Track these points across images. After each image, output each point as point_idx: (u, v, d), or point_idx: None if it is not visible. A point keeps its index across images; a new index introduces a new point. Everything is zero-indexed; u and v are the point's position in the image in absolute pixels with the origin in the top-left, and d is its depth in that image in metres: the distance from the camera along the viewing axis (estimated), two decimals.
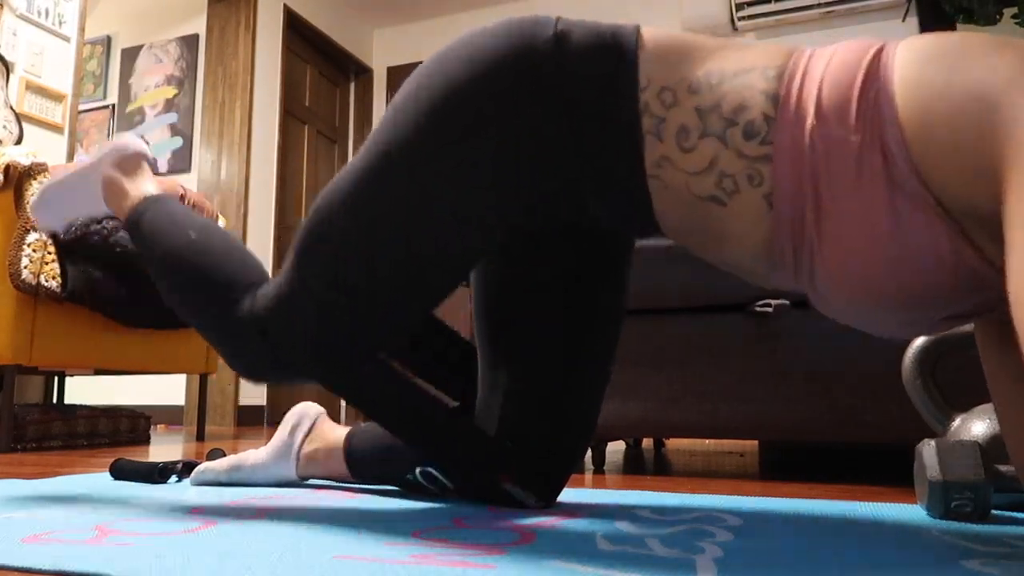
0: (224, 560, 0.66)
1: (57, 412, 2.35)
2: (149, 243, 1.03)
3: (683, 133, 0.72)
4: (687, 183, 0.73)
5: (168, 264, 1.00)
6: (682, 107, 0.73)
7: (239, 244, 1.03)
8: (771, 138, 0.69)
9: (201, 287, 0.96)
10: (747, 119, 0.70)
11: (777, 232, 0.71)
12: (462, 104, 0.79)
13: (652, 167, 0.75)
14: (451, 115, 0.79)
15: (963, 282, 0.65)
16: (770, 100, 0.69)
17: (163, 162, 4.23)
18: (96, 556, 0.67)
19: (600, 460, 1.65)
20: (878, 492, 1.23)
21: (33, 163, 2.15)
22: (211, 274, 0.96)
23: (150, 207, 1.07)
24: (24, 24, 3.02)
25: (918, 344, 1.09)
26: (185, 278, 0.97)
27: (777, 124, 0.68)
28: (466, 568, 0.63)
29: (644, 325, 1.55)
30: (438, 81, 0.81)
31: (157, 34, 4.42)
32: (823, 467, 1.73)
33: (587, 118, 0.76)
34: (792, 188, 0.68)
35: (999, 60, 0.59)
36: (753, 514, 0.94)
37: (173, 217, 1.05)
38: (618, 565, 0.64)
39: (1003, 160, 0.56)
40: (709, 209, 0.73)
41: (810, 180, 0.67)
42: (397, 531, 0.80)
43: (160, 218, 1.05)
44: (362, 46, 5.17)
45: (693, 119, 0.72)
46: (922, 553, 0.70)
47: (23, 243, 2.08)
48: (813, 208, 0.68)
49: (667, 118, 0.73)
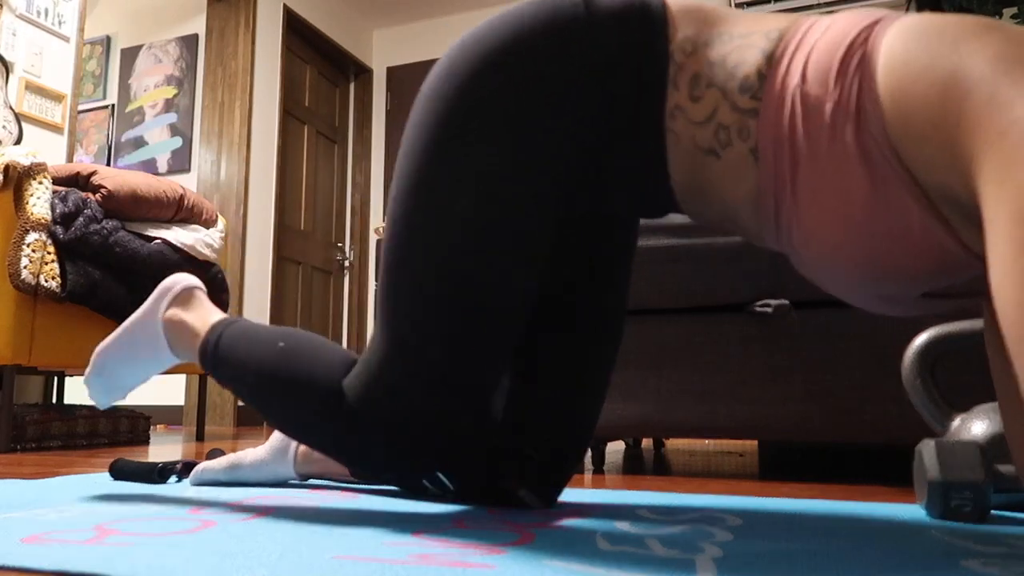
0: (224, 560, 0.66)
1: (57, 412, 2.35)
2: (234, 369, 0.97)
3: (695, 81, 0.75)
4: (693, 134, 0.76)
5: (264, 384, 0.93)
6: (697, 56, 0.76)
7: (321, 339, 0.97)
8: (761, 94, 0.71)
9: (304, 395, 0.90)
10: (744, 73, 0.73)
11: (762, 187, 0.73)
12: (502, 83, 0.80)
13: (668, 118, 0.77)
14: (490, 99, 0.80)
15: (936, 260, 0.66)
16: (766, 58, 0.72)
17: (163, 162, 4.23)
18: (96, 556, 0.67)
19: (600, 460, 1.65)
20: (878, 492, 1.23)
21: (33, 163, 2.15)
22: (310, 379, 0.90)
23: (223, 332, 1.01)
24: (24, 24, 3.01)
25: (918, 344, 1.09)
26: (284, 390, 0.91)
27: (768, 81, 0.71)
28: (466, 568, 0.63)
29: (644, 325, 1.55)
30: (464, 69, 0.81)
31: (156, 34, 4.42)
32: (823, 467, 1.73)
33: (622, 75, 0.78)
34: (773, 144, 0.71)
35: (981, 44, 0.58)
36: (753, 514, 0.94)
37: (253, 333, 0.98)
38: (618, 565, 0.64)
39: (975, 148, 0.55)
40: (708, 163, 0.76)
41: (789, 138, 0.69)
42: (397, 531, 0.80)
43: (238, 341, 0.98)
44: (362, 46, 5.17)
45: (704, 68, 0.75)
46: (922, 553, 0.70)
47: (23, 243, 2.08)
48: (791, 165, 0.70)
49: (684, 65, 0.76)
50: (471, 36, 0.84)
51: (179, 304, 1.09)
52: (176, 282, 1.10)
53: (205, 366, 1.02)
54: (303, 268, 4.53)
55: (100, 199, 2.31)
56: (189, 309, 1.08)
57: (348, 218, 5.05)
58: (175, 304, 1.09)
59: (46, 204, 2.15)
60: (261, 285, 4.08)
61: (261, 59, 4.18)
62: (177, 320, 1.08)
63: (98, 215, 2.27)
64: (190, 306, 1.09)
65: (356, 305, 4.92)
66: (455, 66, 0.82)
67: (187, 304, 1.09)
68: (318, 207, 4.74)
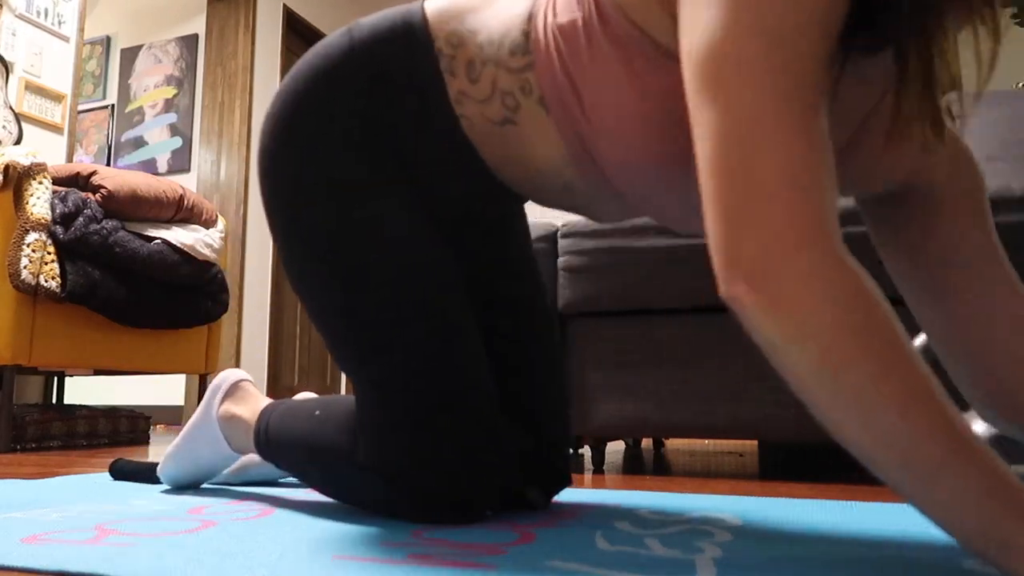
0: (224, 560, 0.66)
1: (56, 412, 2.35)
2: (286, 448, 0.96)
3: (470, 67, 0.81)
4: (482, 112, 0.81)
5: (303, 455, 0.93)
6: (466, 46, 0.82)
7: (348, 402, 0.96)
8: (530, 46, 0.78)
9: (332, 458, 0.89)
10: (511, 39, 0.79)
11: (564, 136, 0.78)
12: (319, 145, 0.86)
13: (456, 104, 0.82)
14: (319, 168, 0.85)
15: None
16: (526, 17, 0.79)
17: (163, 162, 4.23)
18: (96, 556, 0.67)
19: (600, 460, 1.65)
20: (877, 492, 1.23)
21: (33, 163, 2.15)
22: (334, 442, 0.89)
23: (271, 415, 1.01)
24: (23, 24, 3.02)
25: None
26: (318, 456, 0.90)
27: (532, 35, 0.78)
28: (466, 568, 0.63)
29: (644, 325, 1.55)
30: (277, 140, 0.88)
31: (156, 34, 4.42)
32: (823, 467, 1.73)
33: (399, 88, 0.84)
34: (553, 86, 0.76)
35: None
36: (753, 514, 0.94)
37: (296, 408, 0.98)
38: (618, 565, 0.64)
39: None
40: (509, 134, 0.81)
41: (563, 72, 0.75)
42: (397, 531, 0.80)
43: (283, 420, 0.98)
44: None
45: (476, 52, 0.81)
46: (922, 553, 0.70)
47: (23, 243, 2.08)
48: (573, 94, 0.75)
49: (456, 56, 0.82)
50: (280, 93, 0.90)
51: (230, 399, 1.10)
52: (224, 379, 1.11)
53: (265, 456, 1.01)
54: None
55: (100, 199, 2.31)
56: (241, 403, 1.09)
57: None
58: (227, 400, 1.10)
59: (46, 204, 2.15)
60: (261, 285, 4.08)
61: (261, 59, 4.18)
62: (230, 415, 1.08)
63: (98, 215, 2.27)
64: (242, 400, 1.09)
65: None
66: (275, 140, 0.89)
67: (239, 399, 1.10)
68: None
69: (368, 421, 0.85)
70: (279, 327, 4.24)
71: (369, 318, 0.84)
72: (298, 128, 0.86)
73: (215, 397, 1.10)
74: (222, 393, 1.10)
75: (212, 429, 1.10)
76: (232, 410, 1.08)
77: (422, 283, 0.84)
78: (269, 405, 1.04)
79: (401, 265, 0.84)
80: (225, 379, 1.11)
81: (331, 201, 0.84)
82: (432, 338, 0.83)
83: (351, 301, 0.84)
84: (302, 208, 0.86)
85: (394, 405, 0.83)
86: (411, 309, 0.83)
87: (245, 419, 1.06)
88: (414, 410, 0.82)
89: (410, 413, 0.82)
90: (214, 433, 1.10)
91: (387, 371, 0.83)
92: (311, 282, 0.87)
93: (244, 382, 1.12)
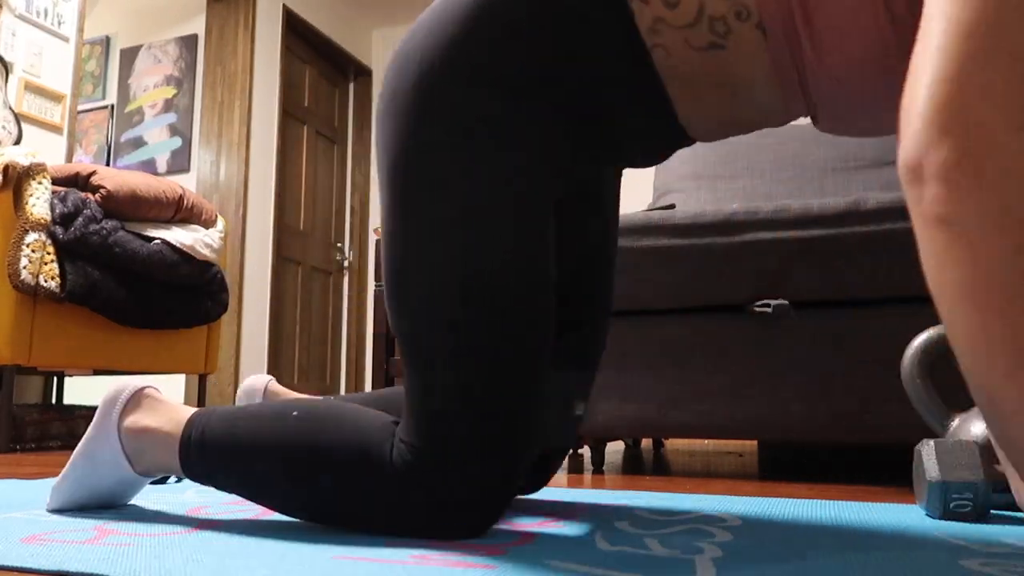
0: (224, 560, 0.66)
1: (56, 412, 2.35)
2: (240, 457, 0.83)
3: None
4: (685, 39, 0.74)
5: (288, 463, 0.80)
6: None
7: (338, 403, 0.86)
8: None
9: (350, 460, 0.78)
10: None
11: (778, 55, 0.73)
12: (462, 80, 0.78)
13: (649, 35, 0.75)
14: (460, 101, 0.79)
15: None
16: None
17: (162, 162, 4.23)
18: (96, 556, 0.67)
19: (599, 460, 1.65)
20: (877, 492, 1.23)
21: (32, 163, 2.15)
22: (341, 447, 0.79)
23: (206, 422, 0.87)
24: (23, 24, 3.01)
25: (918, 344, 1.09)
26: (309, 468, 0.79)
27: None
28: (466, 568, 0.63)
29: (644, 325, 1.55)
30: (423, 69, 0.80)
31: (156, 34, 4.42)
32: (822, 467, 1.73)
33: (578, 20, 0.77)
34: (775, 4, 0.71)
35: None
36: (752, 514, 0.94)
37: (254, 411, 0.86)
38: (618, 565, 0.64)
39: None
40: (713, 59, 0.75)
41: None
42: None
43: (235, 425, 0.85)
44: (361, 46, 5.17)
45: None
46: (921, 553, 0.70)
47: (22, 243, 2.08)
48: (800, 10, 0.70)
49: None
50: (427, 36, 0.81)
51: (136, 410, 0.91)
52: (123, 387, 0.93)
53: (192, 472, 0.86)
54: (302, 268, 4.53)
55: (100, 199, 2.31)
56: (150, 413, 0.91)
57: (347, 218, 5.05)
58: (131, 412, 0.91)
59: (46, 204, 2.15)
60: (261, 285, 4.08)
61: (260, 59, 4.18)
62: (139, 428, 0.90)
63: (97, 215, 2.27)
64: (150, 409, 0.91)
65: (355, 305, 4.92)
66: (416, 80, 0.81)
67: (145, 407, 0.91)
68: (317, 207, 4.74)
69: (440, 398, 0.77)
70: (279, 327, 4.24)
71: (476, 267, 0.77)
72: (460, 67, 0.78)
73: (113, 408, 0.91)
74: (121, 403, 0.91)
75: (112, 445, 0.91)
76: (141, 422, 0.90)
77: (534, 248, 0.79)
78: (198, 412, 0.90)
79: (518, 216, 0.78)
80: (124, 387, 0.93)
81: (471, 140, 0.78)
82: (526, 297, 0.78)
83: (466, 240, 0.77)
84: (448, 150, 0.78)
85: (472, 378, 0.76)
86: (517, 265, 0.78)
87: (162, 430, 0.89)
88: (492, 391, 0.76)
89: (488, 392, 0.76)
90: (114, 452, 0.91)
91: (474, 332, 0.76)
92: (428, 227, 0.78)
93: (149, 389, 0.93)
